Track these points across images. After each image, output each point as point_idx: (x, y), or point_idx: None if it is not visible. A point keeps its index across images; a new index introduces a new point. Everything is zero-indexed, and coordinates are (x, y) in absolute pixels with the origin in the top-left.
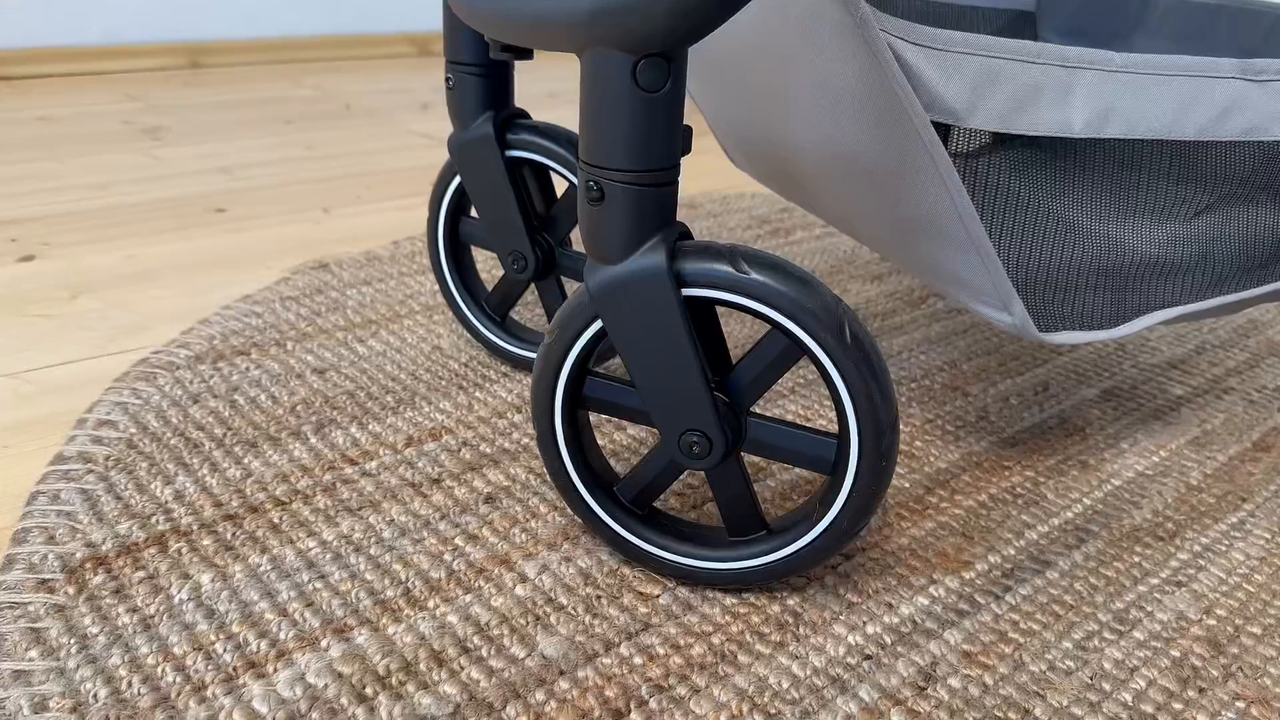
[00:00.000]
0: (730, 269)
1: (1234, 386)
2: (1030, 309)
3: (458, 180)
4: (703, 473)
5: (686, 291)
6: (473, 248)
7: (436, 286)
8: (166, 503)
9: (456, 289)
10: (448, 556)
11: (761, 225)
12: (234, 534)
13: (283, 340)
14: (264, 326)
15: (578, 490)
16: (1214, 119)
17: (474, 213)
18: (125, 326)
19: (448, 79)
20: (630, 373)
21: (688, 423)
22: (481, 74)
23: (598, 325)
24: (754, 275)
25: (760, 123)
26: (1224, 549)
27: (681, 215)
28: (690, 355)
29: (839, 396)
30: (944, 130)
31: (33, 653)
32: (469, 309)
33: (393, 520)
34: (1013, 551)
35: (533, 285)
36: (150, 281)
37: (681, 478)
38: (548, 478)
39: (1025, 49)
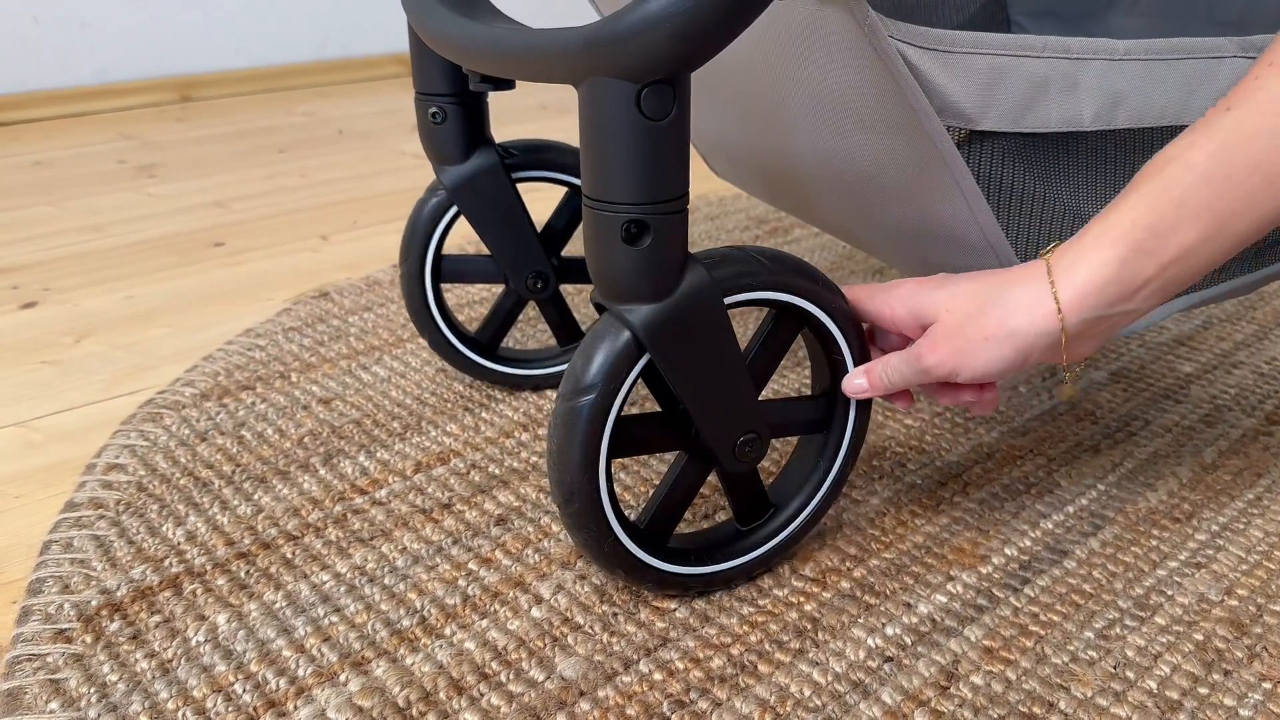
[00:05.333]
0: (762, 269)
1: (1243, 360)
2: None
3: (444, 222)
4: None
5: (727, 300)
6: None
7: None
8: (179, 544)
9: (454, 336)
10: (462, 582)
11: (760, 225)
12: (247, 572)
13: (287, 372)
14: (267, 359)
15: (628, 550)
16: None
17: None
18: (130, 368)
19: (433, 114)
20: (687, 399)
21: (743, 427)
22: (470, 104)
23: (638, 370)
24: (779, 270)
25: (753, 133)
26: (1242, 527)
27: None
28: (742, 362)
29: (840, 356)
30: (956, 130)
31: (53, 704)
32: (470, 350)
33: (405, 548)
34: (1029, 542)
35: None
36: (152, 321)
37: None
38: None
39: (1029, 44)
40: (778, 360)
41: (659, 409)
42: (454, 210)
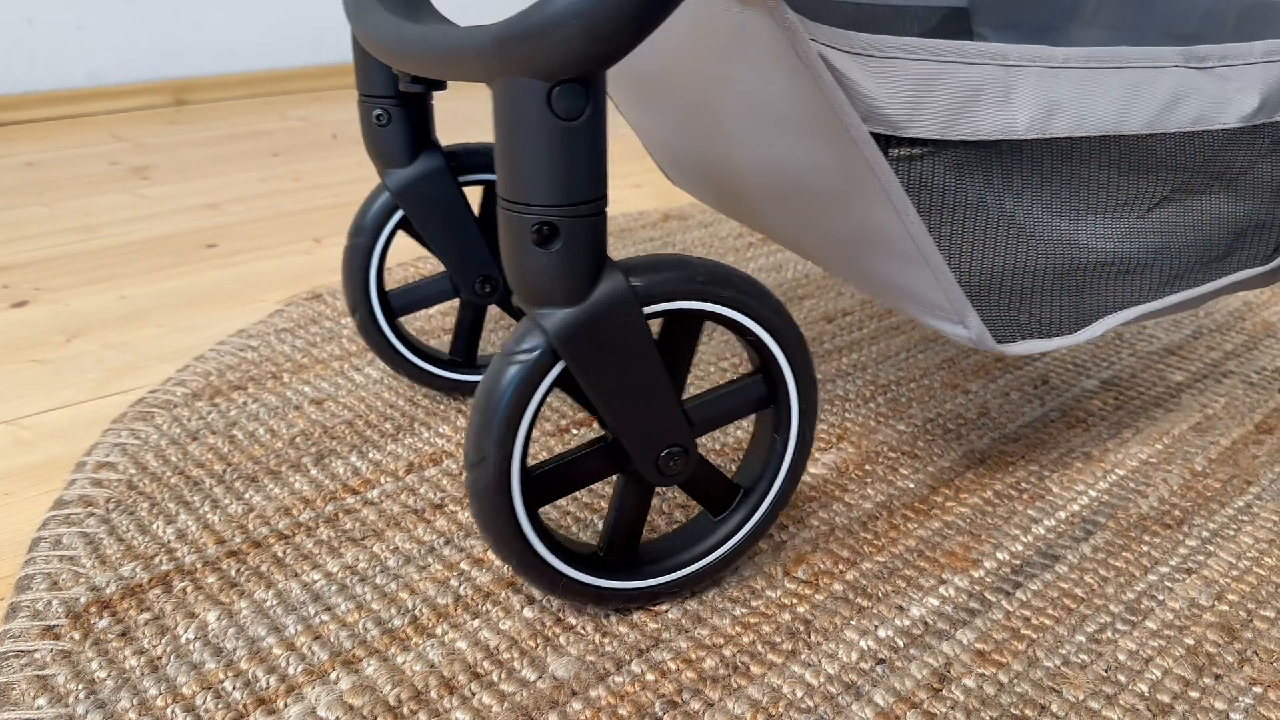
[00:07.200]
0: (687, 278)
1: (1233, 370)
2: (986, 320)
3: (389, 227)
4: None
5: (646, 310)
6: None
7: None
8: (169, 542)
9: (417, 357)
10: (454, 582)
11: (754, 233)
12: (238, 570)
13: (279, 373)
14: (260, 360)
15: (565, 575)
16: (1161, 110)
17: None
18: (121, 367)
19: (378, 116)
20: (603, 409)
21: (666, 441)
22: (415, 107)
23: (551, 378)
24: (708, 280)
25: (696, 142)
26: (1232, 533)
27: (672, 227)
28: (663, 373)
29: (778, 370)
30: (884, 137)
31: (40, 700)
32: (445, 369)
33: (397, 548)
34: (1020, 547)
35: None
36: (144, 321)
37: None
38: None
39: (963, 49)
40: (686, 364)
41: (579, 445)
42: (399, 214)
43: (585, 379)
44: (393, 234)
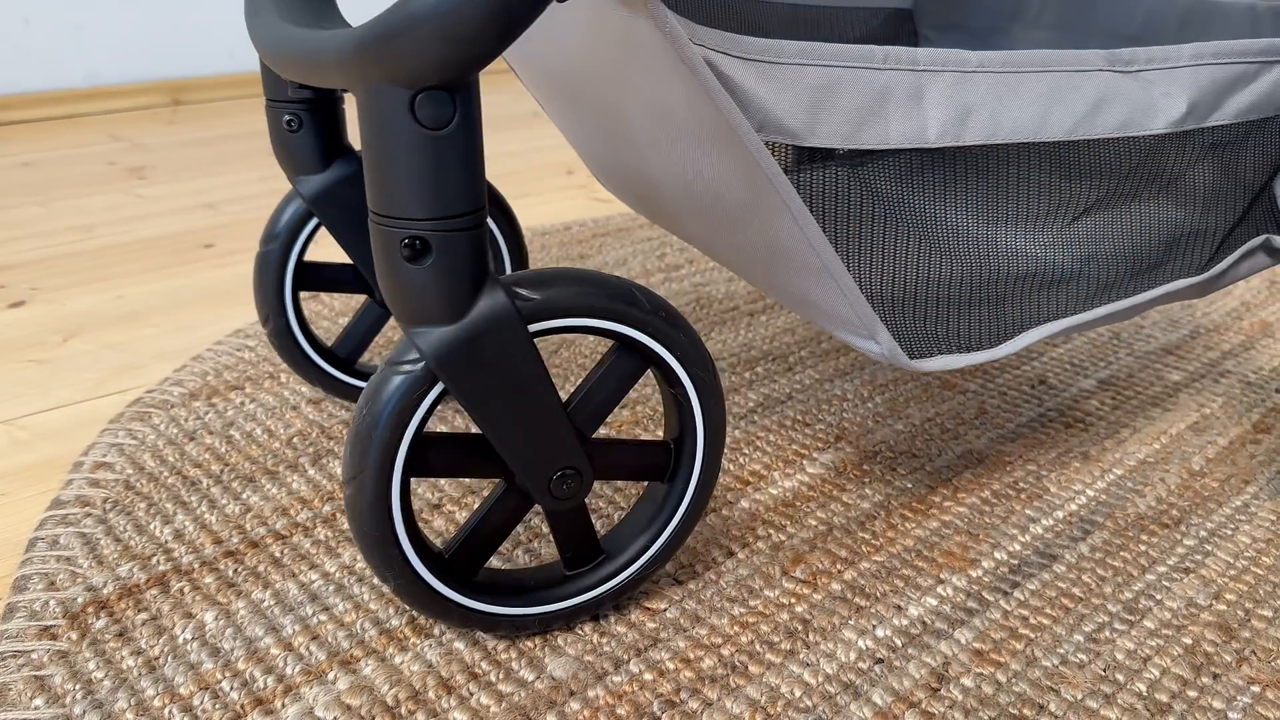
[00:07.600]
0: (578, 294)
1: (1230, 369)
2: (899, 335)
3: (303, 237)
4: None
5: (532, 327)
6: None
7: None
8: (166, 542)
9: (350, 375)
10: None
11: None
12: (235, 570)
13: (276, 373)
14: (257, 360)
15: (537, 614)
16: (1084, 115)
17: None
18: (118, 367)
19: (289, 121)
20: (487, 431)
21: (558, 463)
22: (326, 111)
23: (431, 399)
24: (601, 295)
25: (614, 148)
26: (1230, 533)
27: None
28: (552, 392)
29: (683, 392)
30: (784, 146)
31: (38, 701)
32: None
33: None
34: (1018, 547)
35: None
36: (141, 321)
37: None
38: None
39: (869, 54)
40: (619, 396)
41: (483, 501)
42: (313, 223)
43: (465, 400)
44: (308, 240)
